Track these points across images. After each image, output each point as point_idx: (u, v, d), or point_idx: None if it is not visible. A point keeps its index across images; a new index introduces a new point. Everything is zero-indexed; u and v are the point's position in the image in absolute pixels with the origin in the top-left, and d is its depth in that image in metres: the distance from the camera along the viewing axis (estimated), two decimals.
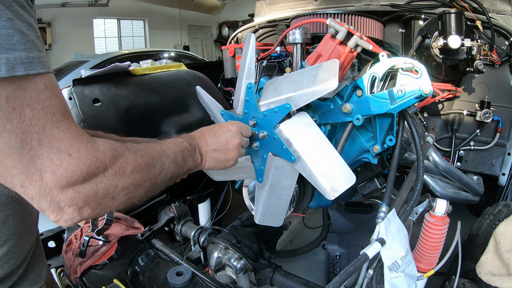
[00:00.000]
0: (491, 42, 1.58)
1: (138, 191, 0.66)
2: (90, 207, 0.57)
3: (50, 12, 7.63)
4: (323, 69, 0.92)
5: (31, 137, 0.50)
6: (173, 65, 2.26)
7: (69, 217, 0.55)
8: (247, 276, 1.39)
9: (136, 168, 0.65)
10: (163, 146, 0.78)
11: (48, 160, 0.51)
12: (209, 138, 0.90)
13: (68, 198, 0.54)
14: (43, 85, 0.51)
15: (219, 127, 0.94)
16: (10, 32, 0.47)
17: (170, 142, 0.81)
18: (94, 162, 0.56)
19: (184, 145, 0.82)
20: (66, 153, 0.53)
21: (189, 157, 0.83)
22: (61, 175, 0.52)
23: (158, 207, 1.85)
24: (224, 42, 3.08)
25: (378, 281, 1.01)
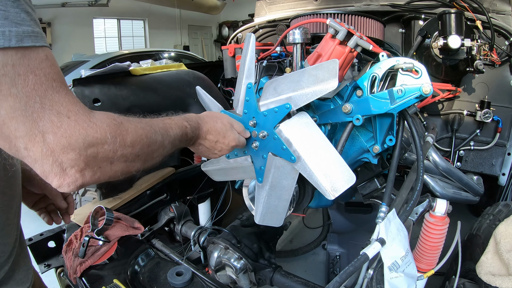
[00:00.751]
0: (491, 42, 1.58)
1: (136, 161, 0.69)
2: (91, 170, 0.60)
3: (50, 12, 7.63)
4: (323, 69, 0.92)
5: (34, 101, 0.53)
6: (173, 65, 2.26)
7: (71, 179, 0.58)
8: (247, 276, 1.39)
9: (137, 139, 0.67)
10: (166, 125, 0.81)
11: (49, 122, 0.54)
12: (209, 138, 0.95)
13: (70, 159, 0.56)
14: (45, 55, 0.56)
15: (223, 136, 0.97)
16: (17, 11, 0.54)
17: (175, 123, 0.84)
18: (91, 126, 0.59)
19: (187, 131, 0.86)
20: (65, 116, 0.56)
21: (185, 141, 0.88)
22: (61, 135, 0.55)
23: (158, 207, 1.85)
24: (224, 42, 3.08)
25: (378, 281, 1.01)
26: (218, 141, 0.97)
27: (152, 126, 0.74)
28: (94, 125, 0.60)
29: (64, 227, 1.57)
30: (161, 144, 0.76)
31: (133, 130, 0.67)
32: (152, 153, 0.74)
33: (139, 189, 1.75)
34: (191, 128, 0.89)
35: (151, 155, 0.74)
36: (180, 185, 1.91)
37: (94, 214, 1.41)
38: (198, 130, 0.92)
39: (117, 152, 0.64)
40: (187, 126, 0.87)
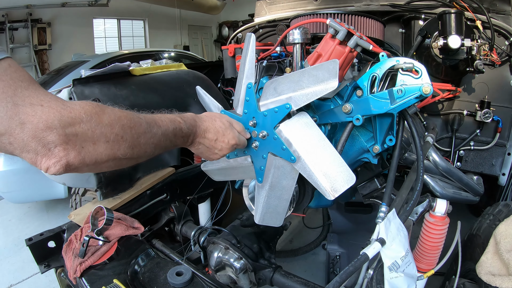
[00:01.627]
0: (491, 42, 1.58)
1: (120, 142, 0.70)
2: (73, 149, 0.63)
3: (50, 12, 7.63)
4: (323, 69, 0.92)
5: (6, 101, 0.58)
6: (173, 65, 2.27)
7: (57, 158, 0.61)
8: (247, 276, 1.39)
9: (115, 119, 0.69)
10: (156, 116, 0.83)
11: (24, 114, 0.58)
12: (209, 136, 0.96)
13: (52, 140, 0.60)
14: (7, 64, 0.61)
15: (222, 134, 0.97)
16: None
17: (166, 117, 0.86)
18: (65, 109, 0.62)
19: (181, 126, 0.88)
20: (38, 105, 0.60)
21: (180, 137, 0.89)
22: (38, 121, 0.59)
23: (158, 207, 1.85)
24: (224, 42, 3.08)
25: (378, 281, 1.01)
26: (217, 139, 0.97)
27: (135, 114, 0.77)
28: (67, 107, 0.63)
29: (64, 227, 1.57)
30: (147, 130, 0.77)
31: (110, 111, 0.70)
32: (137, 138, 0.74)
33: (139, 189, 1.75)
34: (186, 124, 0.90)
35: (137, 139, 0.74)
36: (180, 185, 1.91)
37: (94, 214, 1.40)
38: (195, 128, 0.93)
39: (95, 131, 0.65)
40: (180, 122, 0.88)
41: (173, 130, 0.85)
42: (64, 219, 1.65)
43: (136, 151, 0.75)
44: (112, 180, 1.66)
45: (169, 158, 1.94)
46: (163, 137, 0.82)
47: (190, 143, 0.95)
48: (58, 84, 3.90)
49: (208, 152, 0.99)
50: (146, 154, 0.79)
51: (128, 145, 0.72)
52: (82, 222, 1.50)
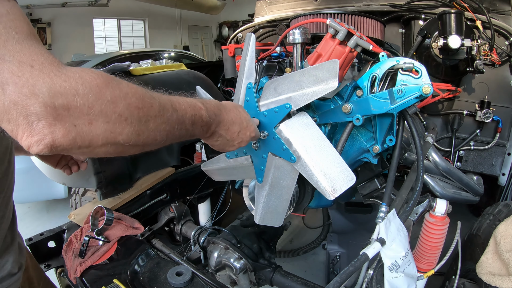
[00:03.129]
0: (491, 42, 1.58)
1: (123, 124, 0.57)
2: (62, 126, 0.51)
3: (50, 12, 7.63)
4: (323, 69, 0.92)
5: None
6: (173, 65, 2.27)
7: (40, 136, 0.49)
8: (247, 276, 1.39)
9: (121, 95, 0.57)
10: (173, 98, 0.70)
11: (9, 73, 0.49)
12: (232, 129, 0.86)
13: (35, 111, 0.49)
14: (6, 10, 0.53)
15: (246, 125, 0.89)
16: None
17: (186, 100, 0.73)
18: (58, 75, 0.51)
19: (201, 113, 0.75)
20: (28, 65, 0.50)
21: (200, 126, 0.76)
22: (22, 85, 0.48)
23: (158, 207, 1.85)
24: (224, 42, 3.08)
25: (378, 281, 1.01)
26: (241, 131, 0.88)
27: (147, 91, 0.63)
28: (62, 74, 0.52)
29: (64, 227, 1.58)
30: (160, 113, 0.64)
31: (116, 85, 0.57)
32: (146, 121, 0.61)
33: (139, 189, 1.75)
34: (209, 112, 0.78)
35: (145, 124, 0.61)
36: (180, 185, 1.91)
37: (94, 214, 1.40)
38: (219, 117, 0.82)
39: (93, 107, 0.53)
40: (201, 108, 0.76)
41: (191, 117, 0.72)
42: (64, 219, 1.65)
43: (143, 138, 0.62)
44: (112, 180, 1.66)
45: (169, 158, 1.94)
46: (178, 124, 0.69)
47: (210, 135, 0.83)
48: None
49: (226, 145, 0.89)
50: (156, 142, 0.66)
51: (133, 130, 0.59)
52: (82, 222, 1.50)
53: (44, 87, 0.49)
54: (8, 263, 0.88)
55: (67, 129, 0.51)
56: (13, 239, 0.92)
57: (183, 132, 0.72)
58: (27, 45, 0.52)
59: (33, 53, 0.51)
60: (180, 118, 0.69)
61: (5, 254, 0.88)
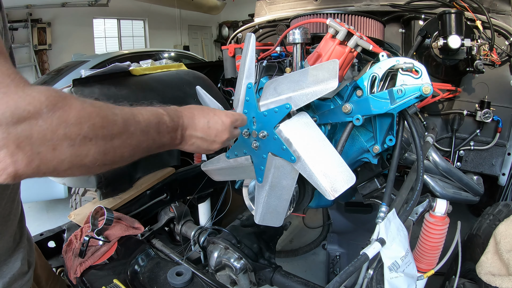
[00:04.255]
0: (491, 42, 1.58)
1: (88, 146, 0.56)
2: (25, 154, 0.48)
3: (50, 12, 7.63)
4: (323, 69, 0.92)
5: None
6: (173, 65, 2.26)
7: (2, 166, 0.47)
8: (247, 276, 1.39)
9: (84, 116, 0.55)
10: (135, 110, 0.68)
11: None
12: (199, 124, 0.82)
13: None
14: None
15: (213, 114, 0.85)
16: None
17: (147, 110, 0.71)
18: (24, 98, 0.49)
19: (164, 119, 0.73)
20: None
21: (166, 133, 0.74)
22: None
23: (158, 207, 1.85)
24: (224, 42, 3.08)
25: (378, 281, 1.01)
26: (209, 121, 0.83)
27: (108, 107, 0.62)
28: (27, 96, 0.49)
29: (64, 227, 1.58)
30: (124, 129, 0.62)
31: (79, 106, 0.55)
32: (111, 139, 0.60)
33: (139, 189, 1.75)
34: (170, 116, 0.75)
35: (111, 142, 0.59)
36: (180, 185, 1.91)
37: (94, 214, 1.40)
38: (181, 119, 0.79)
39: (57, 131, 0.51)
40: (163, 113, 0.74)
41: (155, 125, 0.70)
42: (64, 219, 1.65)
43: (110, 157, 0.60)
44: (112, 180, 1.66)
45: (169, 158, 1.94)
46: (143, 136, 0.67)
47: (181, 140, 0.80)
48: (58, 84, 3.89)
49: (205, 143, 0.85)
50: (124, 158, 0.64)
51: (99, 150, 0.58)
52: (82, 222, 1.50)
53: (8, 111, 0.47)
54: (18, 260, 0.85)
55: (30, 158, 0.49)
56: (22, 235, 0.90)
57: (151, 142, 0.70)
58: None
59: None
60: (145, 129, 0.67)
61: (15, 252, 0.85)
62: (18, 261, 0.85)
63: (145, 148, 0.69)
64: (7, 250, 0.82)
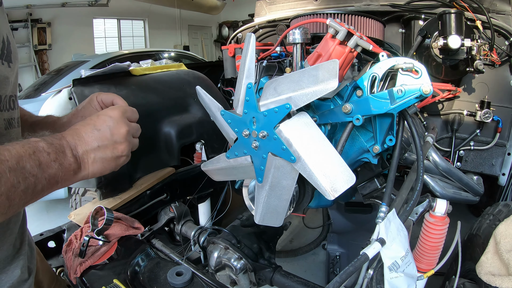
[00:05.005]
0: (491, 42, 1.58)
1: None
2: None
3: (50, 12, 7.64)
4: (323, 69, 0.92)
5: None
6: (173, 65, 2.27)
7: None
8: (247, 276, 1.39)
9: None
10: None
11: None
12: (86, 134, 0.71)
13: None
14: None
15: (96, 117, 0.74)
16: None
17: (15, 143, 0.58)
18: None
19: (40, 145, 0.60)
20: None
21: (51, 162, 0.61)
22: None
23: (158, 207, 1.85)
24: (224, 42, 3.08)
25: (378, 281, 1.01)
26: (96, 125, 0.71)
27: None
28: None
29: (64, 227, 1.58)
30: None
31: None
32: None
33: (139, 189, 1.75)
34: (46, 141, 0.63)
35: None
36: (180, 185, 1.91)
37: (94, 214, 1.40)
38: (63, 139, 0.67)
39: None
40: (36, 140, 0.61)
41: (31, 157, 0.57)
42: (64, 219, 1.65)
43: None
44: (112, 180, 1.67)
45: (169, 158, 1.95)
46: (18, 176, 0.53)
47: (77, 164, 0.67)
48: (58, 84, 3.90)
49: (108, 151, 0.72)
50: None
51: None
52: (82, 222, 1.50)
53: None
54: (18, 268, 0.80)
55: None
56: (22, 242, 0.85)
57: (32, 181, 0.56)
58: None
59: None
60: (16, 167, 0.53)
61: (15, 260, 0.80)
62: (17, 269, 0.80)
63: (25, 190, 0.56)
64: (6, 258, 0.77)
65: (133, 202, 1.72)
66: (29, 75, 7.11)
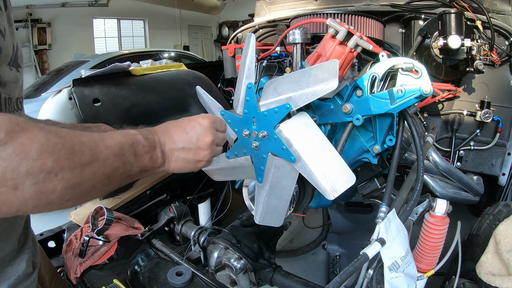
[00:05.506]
0: (491, 42, 1.58)
1: (53, 181, 0.50)
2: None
3: (50, 12, 7.64)
4: (323, 69, 0.92)
5: None
6: (173, 65, 2.27)
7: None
8: (247, 276, 1.39)
9: (47, 148, 0.50)
10: (104, 134, 0.63)
11: None
12: (175, 134, 0.77)
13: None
14: None
15: (188, 121, 0.81)
16: None
17: (118, 133, 0.67)
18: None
19: (138, 138, 0.68)
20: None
21: (144, 153, 0.68)
22: None
23: (158, 207, 1.85)
24: (224, 42, 3.08)
25: (378, 281, 1.01)
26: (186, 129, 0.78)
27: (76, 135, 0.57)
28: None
29: (64, 227, 1.58)
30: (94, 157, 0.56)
31: (42, 138, 0.50)
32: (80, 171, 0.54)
33: (139, 189, 1.75)
34: (143, 134, 0.70)
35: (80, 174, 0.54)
36: (180, 185, 1.91)
37: (94, 214, 1.41)
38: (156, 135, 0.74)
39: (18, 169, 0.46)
40: (135, 133, 0.69)
41: (130, 146, 0.64)
42: (64, 219, 1.65)
43: (80, 190, 0.55)
44: None
45: None
46: (118, 161, 0.61)
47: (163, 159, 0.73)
48: (58, 84, 3.90)
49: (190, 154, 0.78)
50: (97, 189, 0.58)
51: (66, 185, 0.52)
52: (82, 222, 1.50)
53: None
54: (23, 262, 0.84)
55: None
56: (27, 237, 0.90)
57: (128, 167, 0.64)
58: None
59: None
60: (118, 153, 0.61)
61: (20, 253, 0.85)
62: (23, 262, 0.84)
63: (123, 174, 0.63)
64: (12, 251, 0.82)
65: (133, 202, 1.72)
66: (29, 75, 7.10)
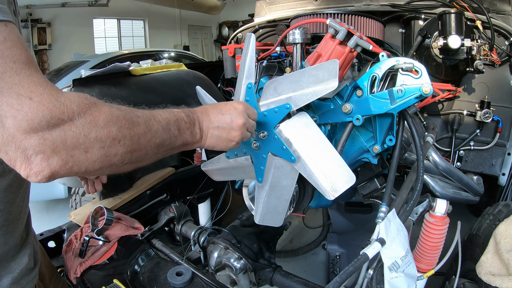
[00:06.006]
0: (491, 42, 1.58)
1: (117, 147, 0.61)
2: (59, 158, 0.53)
3: (50, 12, 7.63)
4: (323, 69, 0.92)
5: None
6: (173, 65, 2.27)
7: (38, 168, 0.52)
8: (247, 276, 1.39)
9: (112, 119, 0.60)
10: (154, 111, 0.74)
11: (7, 106, 0.49)
12: (212, 115, 0.86)
13: (33, 145, 0.51)
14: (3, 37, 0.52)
15: (224, 104, 0.90)
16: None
17: (164, 110, 0.77)
18: (58, 107, 0.53)
19: (181, 115, 0.78)
20: (26, 97, 0.51)
21: (186, 129, 0.78)
22: (21, 119, 0.50)
23: (158, 207, 1.85)
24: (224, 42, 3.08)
25: (378, 281, 1.01)
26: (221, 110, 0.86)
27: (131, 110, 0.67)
28: (61, 105, 0.53)
29: (64, 227, 1.58)
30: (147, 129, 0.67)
31: (107, 110, 0.60)
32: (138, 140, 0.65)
33: (139, 189, 1.75)
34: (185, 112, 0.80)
35: (137, 142, 0.65)
36: (180, 185, 1.91)
37: (94, 214, 1.40)
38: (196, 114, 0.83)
39: (88, 135, 0.56)
40: (179, 111, 0.79)
41: (174, 122, 0.75)
42: (64, 219, 1.65)
43: (136, 155, 0.65)
44: (112, 180, 1.66)
45: (169, 158, 1.94)
46: (165, 134, 0.72)
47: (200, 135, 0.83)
48: (58, 84, 3.90)
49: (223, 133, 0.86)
50: (148, 156, 0.69)
51: (126, 150, 0.63)
52: (82, 222, 1.50)
53: (43, 120, 0.51)
54: (26, 256, 0.89)
55: (64, 160, 0.54)
56: (28, 233, 0.94)
57: (173, 140, 0.74)
58: (25, 75, 0.52)
59: (31, 84, 0.52)
60: (166, 127, 0.72)
61: (23, 248, 0.89)
62: (25, 256, 0.88)
63: (167, 145, 0.73)
64: (15, 246, 0.86)
65: (133, 202, 1.72)
66: None
